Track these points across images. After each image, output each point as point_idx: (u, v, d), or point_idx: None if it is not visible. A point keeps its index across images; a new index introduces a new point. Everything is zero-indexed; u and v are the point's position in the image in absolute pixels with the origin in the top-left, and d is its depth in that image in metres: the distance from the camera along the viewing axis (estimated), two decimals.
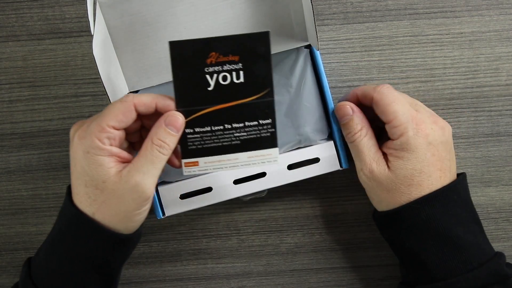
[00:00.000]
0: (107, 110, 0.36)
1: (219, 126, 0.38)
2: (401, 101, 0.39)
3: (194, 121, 0.38)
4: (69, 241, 0.38)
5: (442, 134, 0.39)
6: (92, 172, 0.36)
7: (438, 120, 0.40)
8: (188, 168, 0.39)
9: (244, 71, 0.37)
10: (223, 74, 0.37)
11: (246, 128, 0.38)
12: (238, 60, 0.37)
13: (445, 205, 0.39)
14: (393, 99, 0.39)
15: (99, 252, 0.38)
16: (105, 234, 0.37)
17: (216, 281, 0.50)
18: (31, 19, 0.49)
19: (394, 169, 0.39)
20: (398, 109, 0.39)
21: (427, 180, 0.39)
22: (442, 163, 0.39)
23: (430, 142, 0.38)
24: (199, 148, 0.38)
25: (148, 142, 0.36)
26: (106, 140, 0.36)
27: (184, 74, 0.37)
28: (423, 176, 0.38)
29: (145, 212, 0.39)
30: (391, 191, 0.39)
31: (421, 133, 0.38)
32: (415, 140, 0.38)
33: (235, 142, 0.39)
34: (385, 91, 0.40)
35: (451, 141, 0.41)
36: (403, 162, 0.39)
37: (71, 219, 0.38)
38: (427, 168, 0.38)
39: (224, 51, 0.37)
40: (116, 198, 0.36)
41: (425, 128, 0.39)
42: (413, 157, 0.38)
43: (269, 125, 0.39)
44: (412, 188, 0.39)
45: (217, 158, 0.39)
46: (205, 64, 0.37)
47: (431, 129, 0.39)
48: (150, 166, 0.36)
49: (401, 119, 0.38)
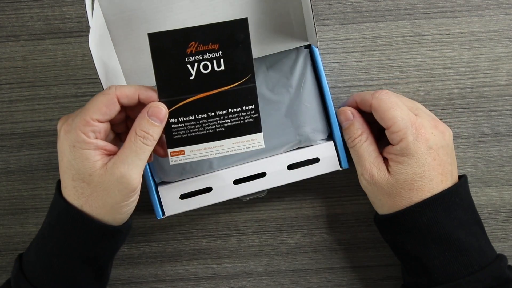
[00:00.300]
0: (90, 104, 0.37)
1: (203, 114, 0.38)
2: (399, 106, 0.39)
3: (177, 110, 0.38)
4: (59, 234, 0.39)
5: (442, 138, 0.39)
6: (78, 166, 0.36)
7: (439, 124, 0.40)
8: (175, 158, 0.39)
9: (224, 59, 0.37)
10: (204, 63, 0.37)
11: (229, 115, 0.39)
12: (218, 48, 0.37)
13: (447, 208, 0.39)
14: (391, 104, 0.39)
15: (89, 244, 0.39)
16: (94, 226, 0.38)
17: (216, 281, 0.50)
18: (31, 19, 0.49)
19: (394, 174, 0.39)
20: (396, 115, 0.39)
21: (428, 185, 0.39)
22: (443, 167, 0.39)
23: (430, 147, 0.38)
24: (184, 137, 0.39)
25: (132, 134, 0.37)
26: (91, 134, 0.36)
27: (165, 65, 0.37)
28: (424, 180, 0.38)
29: (133, 203, 0.39)
30: (392, 196, 0.39)
31: (421, 138, 0.38)
32: (415, 145, 0.38)
33: (219, 129, 0.39)
34: (383, 97, 0.40)
35: (452, 145, 0.41)
36: (404, 167, 0.39)
37: (60, 212, 0.38)
38: (428, 173, 0.38)
39: (203, 40, 0.37)
40: (102, 191, 0.37)
41: (425, 132, 0.38)
42: (414, 162, 0.38)
43: (252, 111, 0.39)
44: (413, 192, 0.39)
45: (202, 146, 0.39)
46: (185, 54, 0.37)
47: (431, 134, 0.39)
48: (134, 157, 0.36)
49: (400, 125, 0.38)
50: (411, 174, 0.38)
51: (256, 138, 0.40)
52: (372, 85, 0.49)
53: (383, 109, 0.39)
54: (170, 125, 0.38)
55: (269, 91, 0.45)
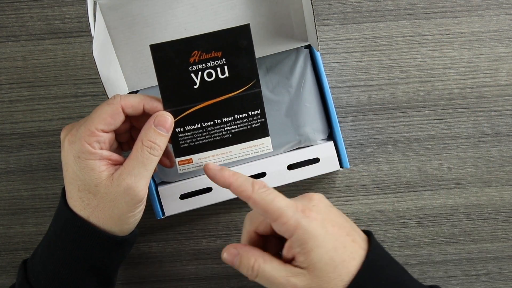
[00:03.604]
0: (95, 114, 0.36)
1: (209, 122, 0.38)
2: (279, 195, 0.36)
3: (183, 120, 0.38)
4: (65, 244, 0.38)
5: (319, 202, 0.37)
6: (84, 177, 0.36)
7: (304, 196, 0.37)
8: (183, 166, 0.39)
9: (228, 66, 0.37)
10: (207, 71, 0.37)
11: (236, 121, 0.39)
12: (221, 56, 0.37)
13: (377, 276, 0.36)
14: (274, 196, 0.36)
15: (96, 255, 0.38)
16: (101, 237, 0.37)
17: (216, 281, 0.50)
18: (31, 19, 0.49)
19: (312, 265, 0.35)
20: (282, 205, 0.35)
21: (346, 253, 0.35)
22: (344, 228, 0.36)
23: (322, 218, 0.36)
24: (192, 145, 0.39)
25: (138, 144, 0.36)
26: (96, 144, 0.36)
27: (168, 75, 0.37)
28: (340, 251, 0.35)
29: (139, 213, 0.39)
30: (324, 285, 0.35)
31: (311, 216, 0.35)
32: (311, 225, 0.35)
33: (226, 136, 0.39)
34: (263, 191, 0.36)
35: (328, 202, 0.38)
36: (315, 253, 0.35)
37: (66, 222, 0.38)
38: (338, 242, 0.35)
39: (206, 49, 0.37)
40: (109, 202, 0.36)
41: (307, 208, 0.35)
42: (321, 242, 0.35)
43: (259, 116, 0.39)
44: (339, 268, 0.35)
45: (210, 153, 0.39)
46: (188, 63, 0.37)
47: (312, 206, 0.36)
48: (141, 168, 0.36)
49: (288, 213, 0.35)
50: (325, 253, 0.35)
51: (264, 143, 0.40)
52: (372, 85, 0.49)
53: (266, 202, 0.35)
54: (176, 135, 0.38)
55: (269, 92, 0.45)
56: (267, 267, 0.36)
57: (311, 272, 0.35)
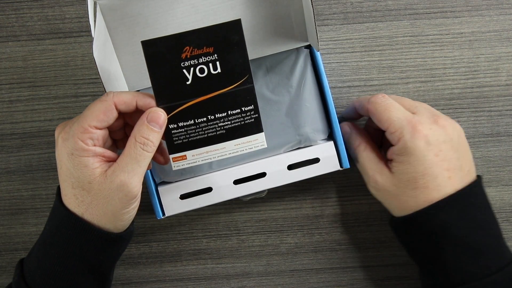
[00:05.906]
0: (88, 111, 0.36)
1: (203, 118, 0.38)
2: (394, 106, 0.40)
3: (176, 116, 0.38)
4: (61, 242, 0.38)
5: (443, 133, 0.39)
6: (77, 174, 0.36)
7: (439, 119, 0.40)
8: (177, 163, 0.39)
9: (220, 62, 0.37)
10: (199, 67, 0.37)
11: (229, 117, 0.39)
12: (213, 52, 0.37)
13: (462, 210, 0.38)
14: (386, 106, 0.40)
15: (91, 252, 0.38)
16: (95, 234, 0.38)
17: (216, 281, 0.50)
18: (31, 19, 0.49)
19: (397, 174, 0.39)
20: (391, 116, 0.39)
21: (433, 182, 0.38)
22: (449, 163, 0.39)
23: (430, 143, 0.38)
24: (185, 142, 0.39)
25: (131, 140, 0.36)
26: (89, 141, 0.36)
27: (160, 71, 0.37)
28: (427, 178, 0.38)
29: (133, 210, 0.39)
30: (398, 196, 0.40)
31: (418, 135, 0.38)
32: (413, 143, 0.38)
33: (220, 132, 0.39)
34: (378, 101, 0.40)
35: (459, 140, 0.40)
36: (405, 166, 0.39)
37: (61, 220, 0.38)
38: (431, 170, 0.38)
39: (198, 44, 0.37)
40: (102, 198, 0.36)
41: (423, 129, 0.38)
42: (413, 160, 0.38)
43: (252, 111, 0.39)
44: (418, 191, 0.39)
45: (204, 149, 0.39)
46: (180, 59, 0.37)
47: (429, 129, 0.39)
48: (134, 164, 0.36)
49: (395, 125, 0.39)
50: (412, 172, 0.38)
51: (257, 138, 0.40)
52: (372, 85, 0.49)
53: (379, 112, 0.40)
54: (170, 131, 0.38)
55: (269, 92, 0.45)
56: (364, 155, 0.42)
57: (394, 179, 0.40)
